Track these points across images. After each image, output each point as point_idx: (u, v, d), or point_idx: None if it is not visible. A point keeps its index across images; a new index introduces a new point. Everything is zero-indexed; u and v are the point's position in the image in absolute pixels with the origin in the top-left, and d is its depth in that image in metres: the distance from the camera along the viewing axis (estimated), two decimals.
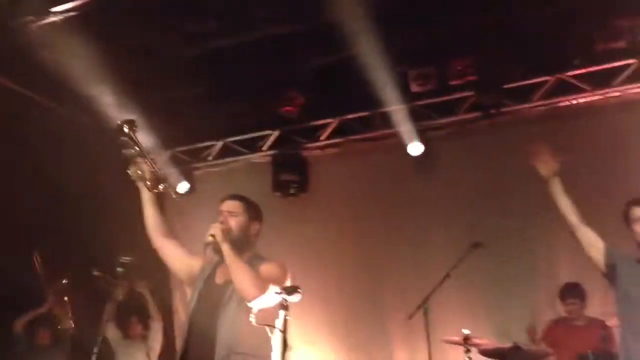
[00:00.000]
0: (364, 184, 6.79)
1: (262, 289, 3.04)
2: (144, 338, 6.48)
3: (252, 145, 7.21)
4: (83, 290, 5.76)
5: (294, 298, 2.93)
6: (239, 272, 3.09)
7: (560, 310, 5.53)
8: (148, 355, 6.32)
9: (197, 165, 7.42)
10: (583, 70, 5.94)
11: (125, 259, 6.37)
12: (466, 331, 4.97)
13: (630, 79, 5.84)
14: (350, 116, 6.75)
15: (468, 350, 4.95)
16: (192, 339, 3.21)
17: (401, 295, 5.99)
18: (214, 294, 3.12)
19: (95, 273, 5.48)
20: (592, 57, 5.79)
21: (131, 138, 3.41)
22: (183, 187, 7.19)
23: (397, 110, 6.41)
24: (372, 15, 5.25)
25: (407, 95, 6.31)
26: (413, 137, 6.39)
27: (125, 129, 3.38)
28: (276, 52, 6.11)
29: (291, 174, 6.89)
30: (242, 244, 3.30)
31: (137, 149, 3.41)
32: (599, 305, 5.51)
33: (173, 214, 7.45)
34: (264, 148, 7.12)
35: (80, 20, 5.13)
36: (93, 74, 5.52)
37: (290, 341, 3.33)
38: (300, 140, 6.99)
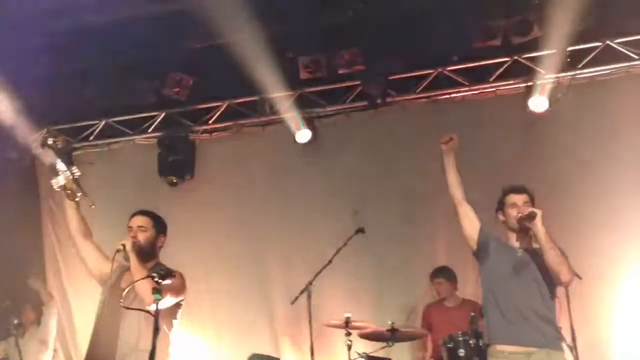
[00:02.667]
0: (252, 169, 6.77)
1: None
2: (39, 323, 6.28)
3: (137, 126, 6.98)
4: None
5: (167, 281, 3.23)
6: (141, 281, 3.37)
7: (434, 292, 5.82)
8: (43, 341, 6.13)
9: (77, 145, 7.09)
10: (462, 66, 6.25)
11: None
12: (348, 315, 5.12)
13: (504, 76, 6.22)
14: (239, 100, 6.70)
15: (349, 334, 5.10)
16: (96, 338, 3.59)
17: (286, 281, 6.06)
18: (118, 297, 3.42)
19: None
20: (471, 54, 6.10)
21: (55, 150, 3.74)
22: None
23: (287, 97, 6.46)
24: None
25: (297, 82, 6.37)
26: (301, 124, 6.46)
27: (50, 142, 3.73)
28: (163, 31, 5.93)
29: (178, 157, 6.75)
30: (148, 254, 3.67)
31: (60, 161, 3.73)
32: (473, 287, 5.88)
33: (47, 196, 7.16)
34: (150, 130, 6.93)
35: None
36: None
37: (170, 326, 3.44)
38: (187, 123, 6.85)
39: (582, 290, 5.18)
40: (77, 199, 3.77)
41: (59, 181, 3.73)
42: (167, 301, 3.40)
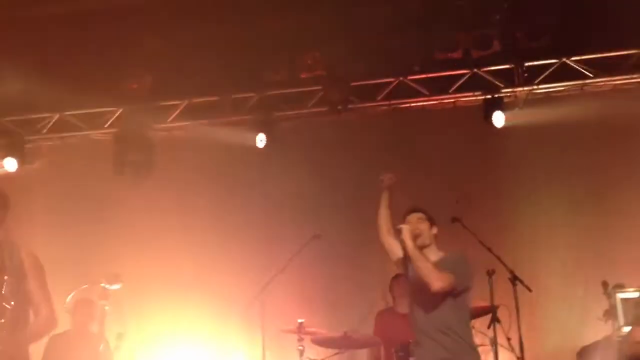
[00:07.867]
0: (210, 171, 6.69)
1: None
2: None
3: (93, 121, 6.83)
4: None
5: (115, 287, 3.27)
6: None
7: (390, 299, 5.85)
8: None
9: (29, 137, 6.90)
10: (423, 76, 6.31)
11: None
12: (300, 320, 5.10)
13: (464, 88, 6.30)
14: (199, 99, 6.61)
15: (301, 339, 5.07)
16: None
17: (240, 286, 6.01)
18: None
19: None
20: (432, 65, 6.17)
21: None
22: (11, 164, 6.66)
23: (247, 98, 6.41)
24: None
25: (259, 84, 6.32)
26: (261, 127, 6.42)
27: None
28: (126, 28, 5.83)
29: (134, 155, 6.61)
30: None
31: None
32: None
33: None
34: (106, 125, 6.78)
35: None
36: None
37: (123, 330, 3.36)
38: (146, 120, 6.72)
39: (532, 302, 5.30)
40: None
41: None
42: None
